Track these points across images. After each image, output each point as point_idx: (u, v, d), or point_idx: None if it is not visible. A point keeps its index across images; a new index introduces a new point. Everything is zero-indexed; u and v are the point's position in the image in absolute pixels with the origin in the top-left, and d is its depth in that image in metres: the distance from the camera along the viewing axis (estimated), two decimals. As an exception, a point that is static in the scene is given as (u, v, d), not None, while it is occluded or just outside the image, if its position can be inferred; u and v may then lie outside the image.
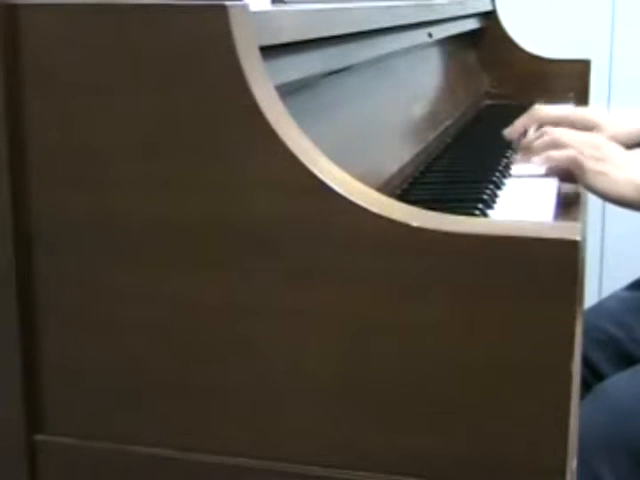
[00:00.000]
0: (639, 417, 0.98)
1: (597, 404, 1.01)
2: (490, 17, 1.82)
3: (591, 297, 2.03)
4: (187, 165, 0.60)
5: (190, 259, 0.61)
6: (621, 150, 1.01)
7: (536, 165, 1.03)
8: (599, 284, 2.22)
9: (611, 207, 1.00)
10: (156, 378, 0.63)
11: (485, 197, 0.95)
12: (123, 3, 0.60)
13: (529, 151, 1.04)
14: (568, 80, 1.74)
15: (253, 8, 0.61)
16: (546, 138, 1.02)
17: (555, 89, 1.72)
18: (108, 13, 0.60)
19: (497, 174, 1.06)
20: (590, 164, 0.96)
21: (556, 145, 1.00)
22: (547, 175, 1.04)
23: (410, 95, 1.22)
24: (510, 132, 1.21)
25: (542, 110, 1.20)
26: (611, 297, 1.30)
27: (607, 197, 0.97)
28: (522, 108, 1.44)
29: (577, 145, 0.99)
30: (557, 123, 1.17)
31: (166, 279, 0.61)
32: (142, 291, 0.62)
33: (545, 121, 1.18)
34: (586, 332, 1.18)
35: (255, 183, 0.58)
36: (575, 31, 2.17)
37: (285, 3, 0.74)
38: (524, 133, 1.21)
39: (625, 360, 1.18)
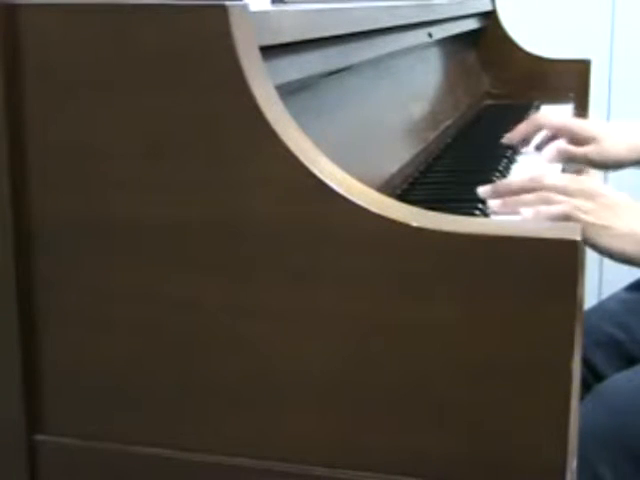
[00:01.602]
0: (639, 416, 0.98)
1: (597, 404, 1.01)
2: (490, 17, 1.82)
3: (591, 298, 2.03)
4: (187, 165, 0.60)
5: (190, 259, 0.61)
6: (619, 197, 0.90)
7: (524, 216, 0.85)
8: (599, 284, 2.22)
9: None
10: (156, 378, 0.63)
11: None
12: (123, 3, 0.60)
13: (517, 202, 0.87)
14: (568, 80, 1.74)
15: (253, 8, 0.61)
16: (534, 195, 0.87)
17: (555, 89, 1.72)
18: (108, 13, 0.60)
19: (497, 174, 1.06)
20: (589, 218, 0.85)
21: (547, 200, 0.86)
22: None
23: (410, 95, 1.22)
24: (510, 137, 1.21)
25: (543, 117, 1.20)
26: (611, 298, 1.30)
27: (609, 253, 0.86)
28: (522, 108, 1.44)
29: (569, 198, 0.86)
30: (557, 132, 1.17)
31: (166, 279, 0.61)
32: (142, 291, 0.62)
33: (545, 128, 1.18)
34: (586, 333, 1.18)
35: (255, 183, 0.58)
36: (575, 31, 2.17)
37: (285, 3, 0.74)
38: (524, 140, 1.21)
39: (626, 361, 1.18)
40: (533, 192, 0.87)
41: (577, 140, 1.15)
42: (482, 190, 0.92)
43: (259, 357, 0.60)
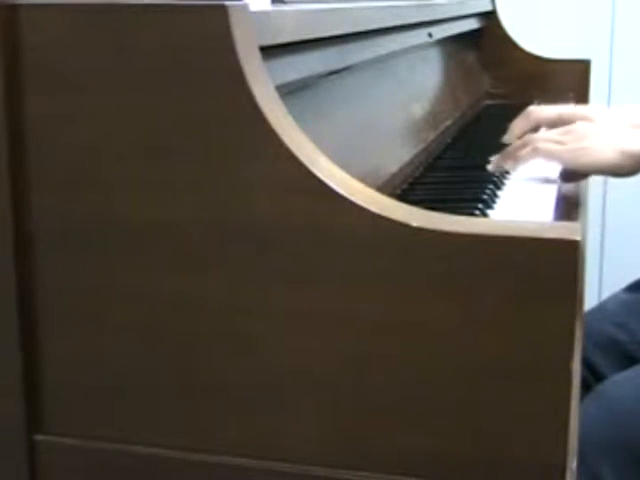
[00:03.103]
0: (639, 417, 0.98)
1: (597, 404, 1.01)
2: (490, 17, 1.82)
3: (591, 298, 2.03)
4: (187, 165, 0.60)
5: (190, 259, 0.61)
6: (598, 120, 0.99)
7: (511, 170, 1.03)
8: (599, 285, 2.22)
9: (611, 207, 0.99)
10: (156, 378, 0.63)
11: (485, 197, 0.95)
12: (123, 3, 0.60)
13: (514, 160, 1.02)
14: (568, 80, 1.74)
15: (253, 8, 0.61)
16: (526, 150, 0.99)
17: (555, 89, 1.72)
18: (108, 13, 0.60)
19: (497, 174, 1.06)
20: (563, 147, 0.95)
21: (535, 150, 0.98)
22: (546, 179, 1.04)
23: (410, 95, 1.22)
24: (509, 138, 1.21)
25: (537, 111, 1.20)
26: (611, 299, 1.30)
27: (595, 169, 0.95)
28: (522, 108, 1.44)
29: (546, 137, 0.98)
30: (553, 123, 1.17)
31: (166, 279, 0.61)
32: (142, 291, 0.62)
33: (541, 123, 1.18)
34: (587, 335, 1.18)
35: (255, 183, 0.58)
36: (575, 31, 2.17)
37: (285, 3, 0.74)
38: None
39: (626, 362, 1.18)
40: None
41: None
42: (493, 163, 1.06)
43: (259, 357, 0.60)
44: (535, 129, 1.20)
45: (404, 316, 0.57)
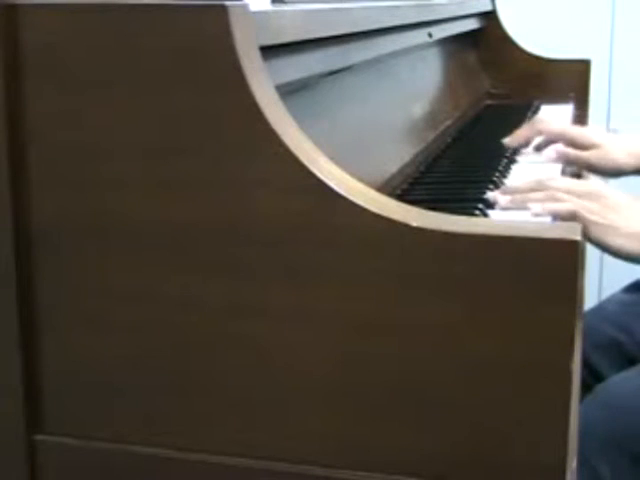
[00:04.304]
0: (638, 417, 0.98)
1: (597, 404, 1.01)
2: (490, 17, 1.82)
3: (591, 298, 2.03)
4: (187, 165, 0.60)
5: (190, 259, 0.61)
6: (622, 197, 0.93)
7: (532, 213, 0.90)
8: (599, 285, 2.22)
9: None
10: (156, 378, 0.63)
11: (485, 197, 0.95)
12: (123, 3, 0.60)
13: (525, 199, 0.92)
14: (568, 80, 1.74)
15: (253, 8, 0.61)
16: (542, 194, 0.91)
17: (555, 89, 1.72)
18: (108, 13, 0.60)
19: (497, 174, 1.06)
20: (593, 217, 0.89)
21: (555, 199, 0.91)
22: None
23: (410, 95, 1.22)
24: (511, 141, 1.21)
25: (543, 123, 1.21)
26: (611, 299, 1.30)
27: (615, 251, 0.90)
28: (522, 108, 1.44)
29: (576, 199, 0.90)
30: (556, 138, 1.18)
31: (166, 279, 0.61)
32: (142, 291, 0.62)
33: (546, 134, 1.18)
34: (587, 335, 1.18)
35: (255, 183, 0.58)
36: (575, 31, 2.17)
37: (285, 3, 0.74)
38: (524, 144, 1.21)
39: (626, 362, 1.18)
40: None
41: (576, 146, 1.15)
42: (492, 195, 0.95)
43: (259, 357, 0.60)
44: (537, 137, 1.20)
45: (403, 316, 0.57)
